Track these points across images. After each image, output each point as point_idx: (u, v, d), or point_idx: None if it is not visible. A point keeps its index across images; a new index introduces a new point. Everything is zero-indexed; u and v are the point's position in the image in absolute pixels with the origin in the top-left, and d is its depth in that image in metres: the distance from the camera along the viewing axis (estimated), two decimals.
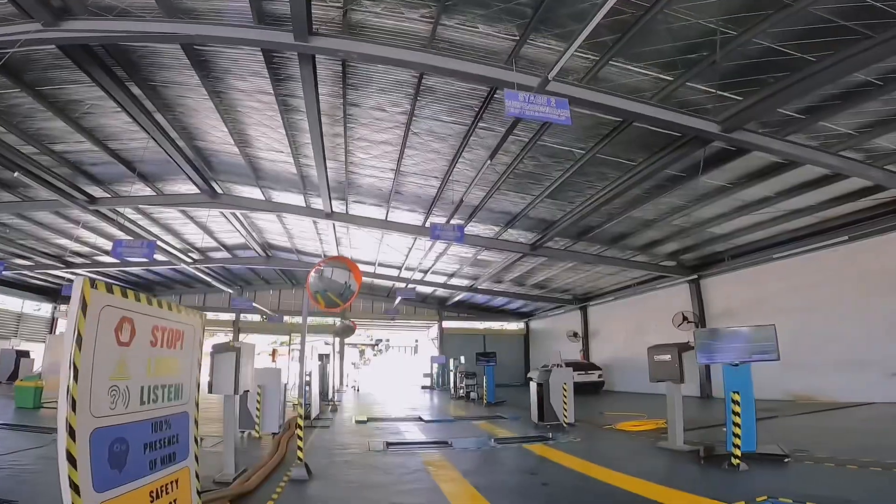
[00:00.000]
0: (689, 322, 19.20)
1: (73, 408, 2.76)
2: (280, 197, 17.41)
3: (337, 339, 32.97)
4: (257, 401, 9.85)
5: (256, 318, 35.19)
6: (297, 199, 17.25)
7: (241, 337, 35.23)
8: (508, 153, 12.16)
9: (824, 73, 7.36)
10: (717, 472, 6.76)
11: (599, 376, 23.32)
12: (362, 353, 63.03)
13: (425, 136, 12.24)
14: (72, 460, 2.71)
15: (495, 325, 37.95)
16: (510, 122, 10.66)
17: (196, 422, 4.07)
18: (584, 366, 23.55)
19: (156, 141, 12.22)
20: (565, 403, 11.78)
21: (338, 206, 16.98)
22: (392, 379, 40.06)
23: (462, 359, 25.11)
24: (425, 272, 24.82)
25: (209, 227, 21.14)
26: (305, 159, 13.90)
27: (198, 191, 15.99)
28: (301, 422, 6.47)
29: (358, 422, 13.32)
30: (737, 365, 7.21)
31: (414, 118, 11.34)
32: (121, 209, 17.56)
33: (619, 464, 7.41)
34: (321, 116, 10.51)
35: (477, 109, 10.68)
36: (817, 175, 11.56)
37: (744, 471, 6.68)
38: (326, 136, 12.07)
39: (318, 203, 16.64)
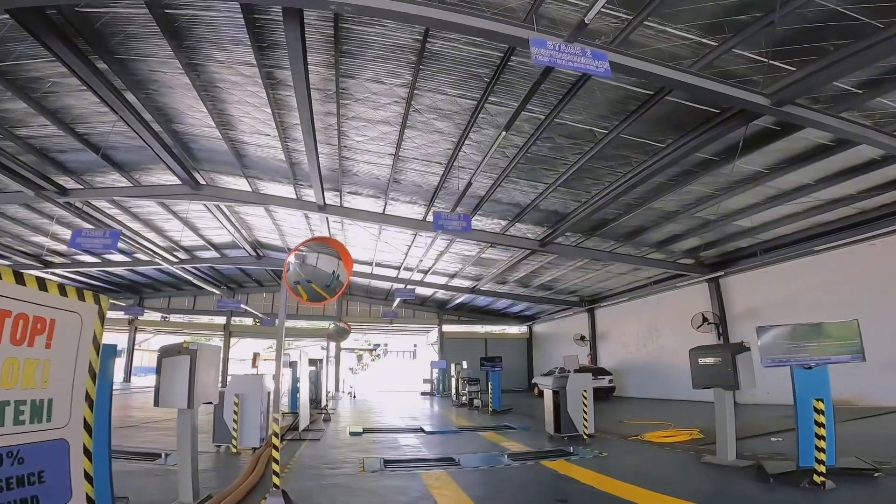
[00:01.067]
0: (709, 323, 18.01)
1: None
2: (269, 188, 16.14)
3: (332, 343, 31.74)
4: (234, 411, 8.59)
5: (250, 321, 33.83)
6: (287, 191, 16.00)
7: (234, 342, 33.97)
8: (521, 133, 10.96)
9: (890, 41, 6.48)
10: (797, 494, 5.55)
11: (610, 381, 22.07)
12: (360, 357, 61.80)
13: (428, 114, 11.00)
14: None
15: (497, 328, 36.73)
16: (523, 95, 9.49)
17: (88, 452, 2.88)
18: (594, 370, 22.26)
19: (127, 123, 10.78)
20: (585, 412, 10.55)
21: (331, 199, 15.65)
22: (390, 385, 38.71)
23: (465, 364, 23.86)
24: (425, 272, 23.60)
25: (194, 223, 19.95)
26: (294, 143, 12.62)
27: (178, 181, 14.70)
28: (276, 440, 5.21)
29: (352, 433, 12.04)
30: (810, 367, 5.98)
31: (416, 92, 10.13)
32: (95, 202, 16.32)
33: (665, 485, 6.17)
34: (311, 91, 9.31)
35: (488, 80, 9.45)
36: (863, 160, 10.51)
37: (831, 489, 5.51)
38: (317, 116, 10.94)
39: (309, 195, 15.35)
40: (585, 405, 10.60)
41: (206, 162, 14.63)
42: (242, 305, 29.46)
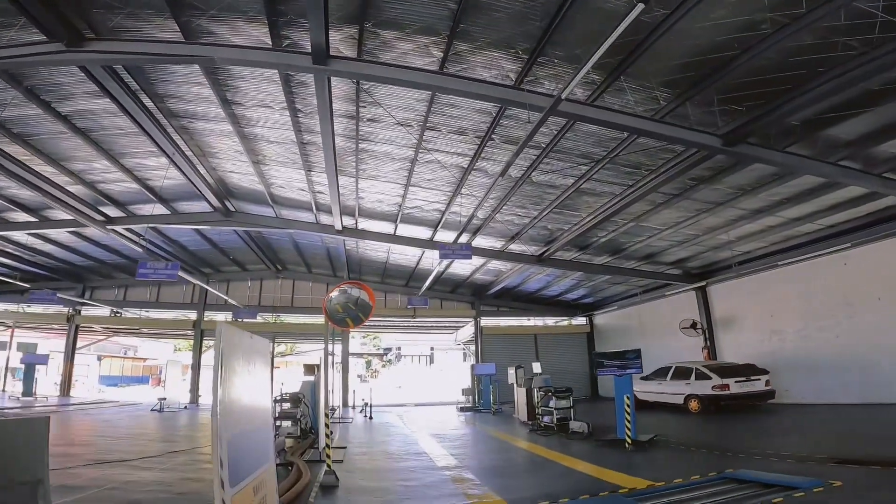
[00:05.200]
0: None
1: None
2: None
3: (336, 342, 24.43)
4: None
5: (227, 316, 26.26)
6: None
7: (206, 343, 26.59)
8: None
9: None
10: None
11: (767, 383, 14.65)
12: (368, 363, 54.50)
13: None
14: None
15: (548, 322, 29.26)
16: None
17: None
18: (741, 370, 14.90)
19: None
20: None
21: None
22: (409, 395, 31.30)
23: (537, 367, 16.58)
24: (474, 232, 16.15)
25: (119, 151, 12.81)
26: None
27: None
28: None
29: None
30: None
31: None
32: None
33: None
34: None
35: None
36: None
37: None
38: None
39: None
40: None
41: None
42: (229, 299, 22.33)
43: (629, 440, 9.82)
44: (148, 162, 13.66)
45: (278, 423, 10.99)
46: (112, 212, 16.43)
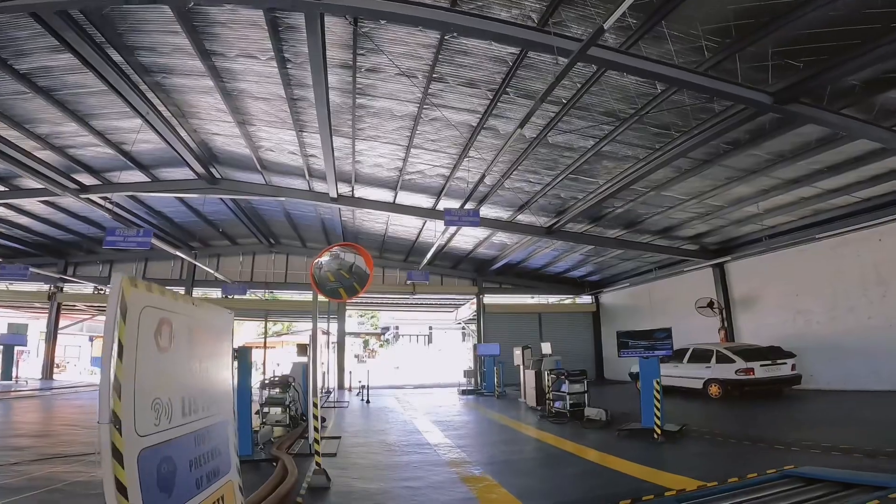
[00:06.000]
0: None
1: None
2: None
3: (332, 320, 23.50)
4: None
5: (217, 292, 25.08)
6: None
7: None
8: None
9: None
10: None
11: (793, 368, 13.66)
12: (366, 343, 53.58)
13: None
14: None
15: (550, 299, 28.23)
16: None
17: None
18: (766, 352, 13.89)
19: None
20: None
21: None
22: (408, 377, 30.37)
23: (546, 347, 15.56)
24: (480, 201, 14.94)
25: (91, 113, 11.54)
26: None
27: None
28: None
29: None
30: None
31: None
32: None
33: None
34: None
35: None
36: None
37: None
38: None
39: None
40: None
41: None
42: (218, 275, 21.22)
43: (658, 430, 8.82)
44: (120, 124, 12.40)
45: (266, 410, 9.97)
46: (86, 180, 15.20)
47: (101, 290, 24.96)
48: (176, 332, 2.97)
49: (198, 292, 25.51)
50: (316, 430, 6.71)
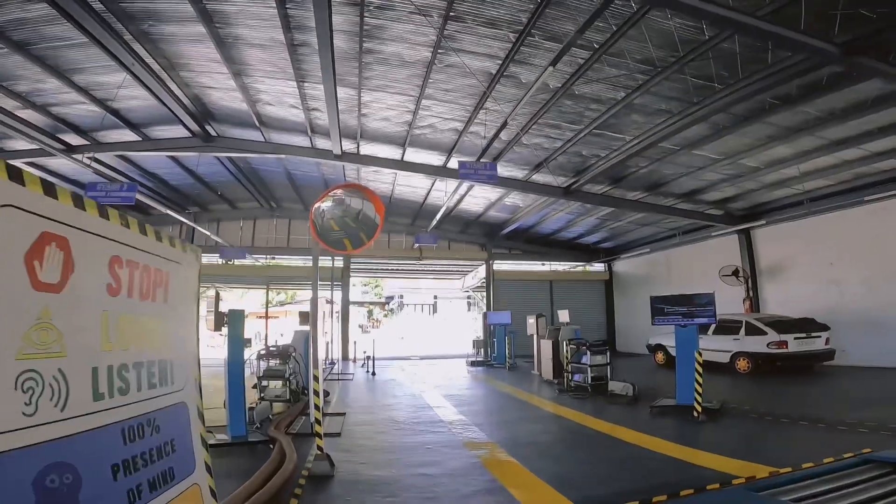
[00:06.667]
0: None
1: None
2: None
3: (335, 288, 22.72)
4: None
5: (215, 259, 24.25)
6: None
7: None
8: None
9: None
10: None
11: (826, 342, 12.90)
12: (370, 313, 53.12)
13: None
14: None
15: (560, 266, 27.36)
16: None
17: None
18: (800, 324, 13.11)
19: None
20: None
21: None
22: (414, 348, 29.80)
23: (564, 315, 14.80)
24: (495, 158, 13.97)
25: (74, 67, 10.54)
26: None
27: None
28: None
29: None
30: None
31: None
32: None
33: None
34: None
35: None
36: None
37: None
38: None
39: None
40: None
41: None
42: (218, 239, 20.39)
43: (699, 408, 8.07)
44: (105, 79, 11.36)
45: (264, 383, 9.24)
46: (74, 140, 14.25)
47: None
48: (78, 260, 1.91)
49: None
50: (317, 408, 5.93)
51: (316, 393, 5.88)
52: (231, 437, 6.78)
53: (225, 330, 6.95)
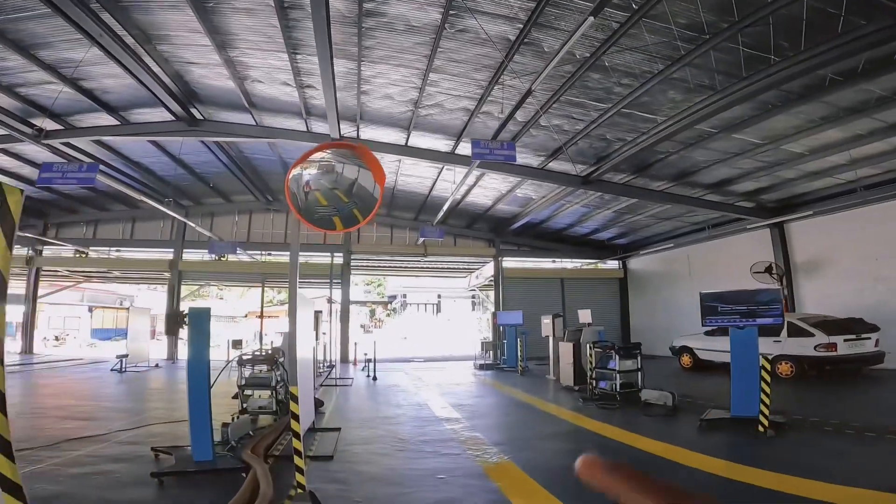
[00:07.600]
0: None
1: None
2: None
3: (335, 286, 21.54)
4: None
5: (206, 255, 23.06)
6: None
7: (188, 287, 23.75)
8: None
9: None
10: None
11: (876, 343, 11.71)
12: (372, 312, 51.91)
13: None
14: None
15: (571, 264, 26.10)
16: None
17: None
18: (849, 325, 11.91)
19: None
20: None
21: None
22: (417, 349, 28.59)
23: (585, 315, 13.64)
24: (515, 136, 12.75)
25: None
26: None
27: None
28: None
29: None
30: None
31: None
32: None
33: None
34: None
35: None
36: None
37: None
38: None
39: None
40: None
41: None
42: (211, 234, 19.15)
43: (765, 422, 6.89)
44: (73, 55, 10.26)
45: (247, 393, 8.05)
46: (47, 125, 13.08)
47: (83, 252, 23.01)
48: None
49: (188, 255, 23.55)
50: (297, 436, 4.63)
51: (295, 417, 4.60)
52: (195, 464, 5.57)
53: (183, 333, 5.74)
